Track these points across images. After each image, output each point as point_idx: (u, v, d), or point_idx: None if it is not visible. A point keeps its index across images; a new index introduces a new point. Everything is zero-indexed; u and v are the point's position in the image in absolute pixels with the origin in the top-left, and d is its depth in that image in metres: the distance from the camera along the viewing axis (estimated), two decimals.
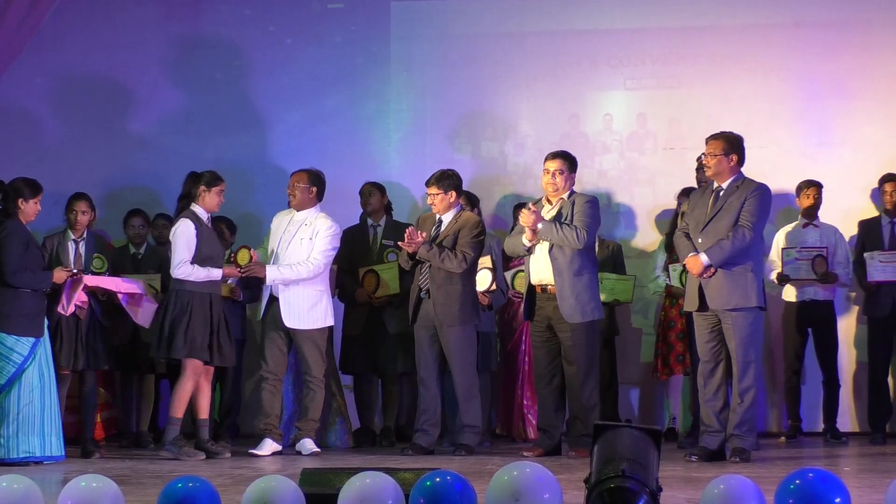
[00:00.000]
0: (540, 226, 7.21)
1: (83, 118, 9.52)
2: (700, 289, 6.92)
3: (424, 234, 7.48)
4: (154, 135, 9.49)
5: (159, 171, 9.37)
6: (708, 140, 7.09)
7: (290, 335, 7.67)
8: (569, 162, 7.41)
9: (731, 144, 7.01)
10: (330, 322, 7.76)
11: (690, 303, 7.04)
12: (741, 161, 7.03)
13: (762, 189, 6.98)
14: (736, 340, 6.87)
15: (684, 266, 7.09)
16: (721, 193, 7.01)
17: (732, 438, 6.91)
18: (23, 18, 8.64)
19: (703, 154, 7.16)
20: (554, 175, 7.36)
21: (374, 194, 8.47)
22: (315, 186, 7.70)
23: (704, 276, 6.88)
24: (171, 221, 8.75)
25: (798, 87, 9.16)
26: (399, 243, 7.59)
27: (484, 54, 9.40)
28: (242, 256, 7.57)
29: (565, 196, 7.38)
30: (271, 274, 7.53)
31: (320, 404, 7.73)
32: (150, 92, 9.53)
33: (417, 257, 7.47)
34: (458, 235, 7.53)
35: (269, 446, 7.54)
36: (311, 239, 7.63)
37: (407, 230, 7.49)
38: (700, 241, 6.95)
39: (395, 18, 9.47)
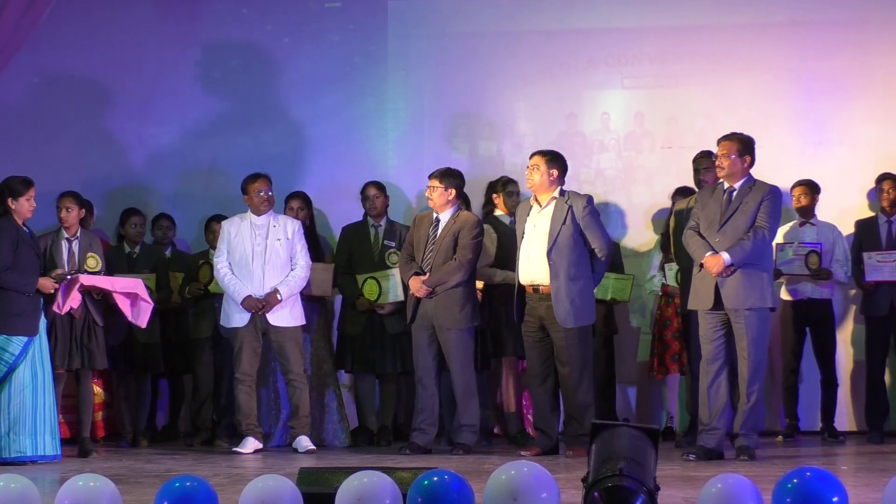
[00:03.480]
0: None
1: (80, 117, 9.50)
2: (716, 288, 6.93)
3: (424, 278, 7.52)
4: (151, 134, 9.48)
5: (157, 170, 9.37)
6: (720, 141, 7.12)
7: (266, 335, 7.81)
8: (549, 160, 7.36)
9: (745, 146, 7.07)
10: (304, 321, 7.97)
11: (703, 301, 7.00)
12: (753, 162, 7.11)
13: (777, 192, 7.06)
14: (748, 340, 6.89)
15: (702, 265, 6.98)
16: (734, 194, 7.03)
17: (739, 437, 6.95)
18: (20, 17, 8.62)
19: (713, 154, 7.16)
20: (531, 170, 7.37)
21: (380, 197, 8.46)
22: (272, 192, 7.97)
23: (724, 274, 6.89)
24: (173, 222, 8.79)
25: (796, 86, 9.15)
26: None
27: (481, 53, 9.39)
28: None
29: (555, 194, 7.36)
30: (285, 293, 7.76)
31: (308, 399, 7.88)
32: (148, 91, 9.51)
33: (429, 288, 7.49)
34: (458, 236, 7.54)
35: (251, 444, 7.71)
36: (288, 238, 7.86)
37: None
38: (717, 240, 6.96)
39: (393, 17, 9.46)
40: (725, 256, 6.88)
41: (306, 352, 8.12)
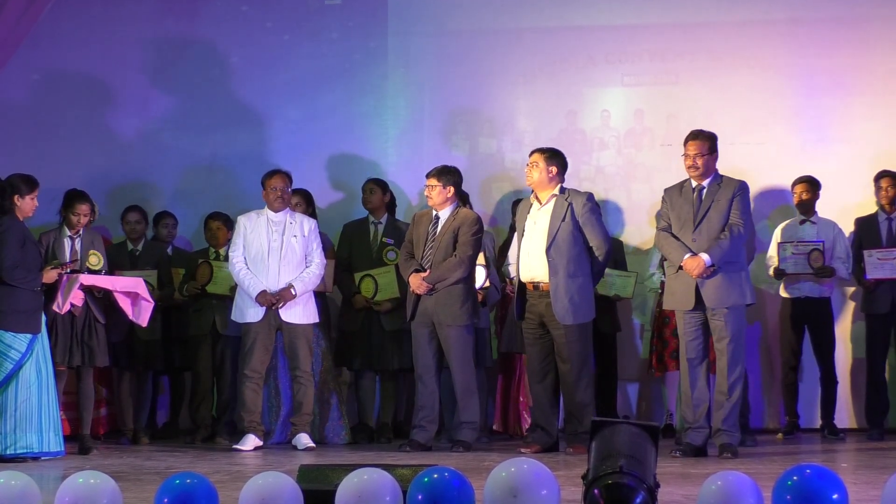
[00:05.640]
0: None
1: (80, 114, 9.50)
2: (696, 288, 6.94)
3: (424, 275, 7.50)
4: (151, 131, 9.48)
5: (157, 167, 9.37)
6: (690, 140, 7.14)
7: (279, 332, 7.80)
8: (549, 157, 7.37)
9: (714, 143, 7.18)
10: (318, 318, 7.97)
11: (683, 302, 7.04)
12: (717, 158, 7.22)
13: (746, 187, 7.14)
14: (729, 337, 6.92)
15: (681, 267, 7.04)
16: (704, 192, 7.06)
17: (720, 434, 6.96)
18: (20, 14, 8.63)
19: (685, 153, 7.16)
20: (531, 167, 7.37)
21: (375, 192, 8.48)
22: (288, 189, 7.95)
23: (704, 276, 6.91)
24: (176, 220, 8.79)
25: (795, 84, 9.15)
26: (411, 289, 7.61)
27: (481, 50, 9.39)
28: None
29: (556, 191, 7.36)
30: (299, 289, 7.76)
31: (312, 398, 7.87)
32: (148, 88, 9.51)
33: (430, 284, 7.49)
34: (458, 233, 7.55)
35: (251, 441, 7.68)
36: (304, 236, 7.83)
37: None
38: (694, 240, 6.98)
39: (393, 14, 9.46)
40: (706, 258, 6.91)
41: (315, 349, 8.12)
